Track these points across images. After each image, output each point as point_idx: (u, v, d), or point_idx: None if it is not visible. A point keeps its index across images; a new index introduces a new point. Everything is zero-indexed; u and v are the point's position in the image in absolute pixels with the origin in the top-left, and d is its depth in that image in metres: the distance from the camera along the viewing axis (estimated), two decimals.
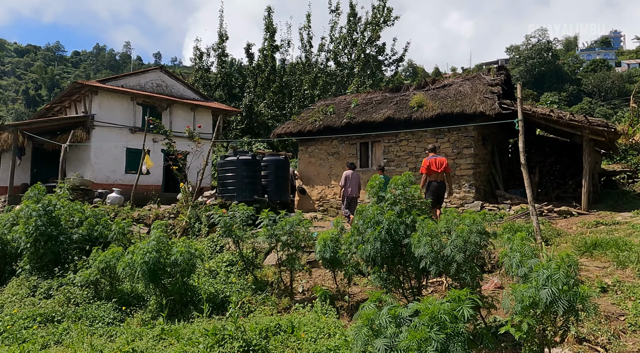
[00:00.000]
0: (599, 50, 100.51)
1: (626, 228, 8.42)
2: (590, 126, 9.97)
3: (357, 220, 5.69)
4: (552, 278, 3.21)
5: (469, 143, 11.90)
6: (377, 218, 5.32)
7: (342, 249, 6.09)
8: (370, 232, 5.25)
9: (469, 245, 4.49)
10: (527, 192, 6.80)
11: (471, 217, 4.83)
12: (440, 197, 8.82)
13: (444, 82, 13.59)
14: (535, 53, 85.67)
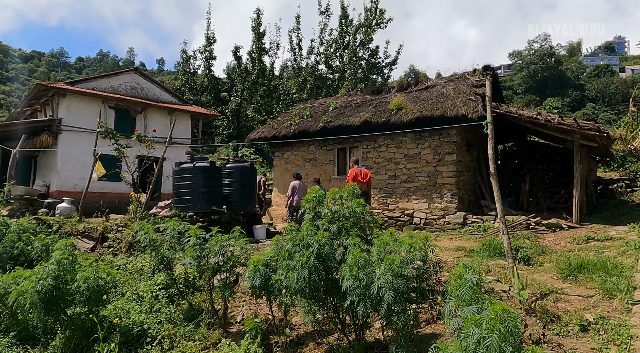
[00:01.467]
0: (602, 55, 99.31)
1: (619, 246, 7.44)
2: (580, 130, 9.02)
3: (288, 241, 4.78)
4: (482, 344, 2.27)
5: (451, 149, 10.97)
6: (307, 241, 4.39)
7: (277, 274, 5.16)
8: (298, 257, 4.33)
9: (401, 280, 3.55)
10: (497, 206, 5.85)
11: (409, 242, 3.89)
12: None
13: (427, 84, 12.69)
14: (538, 58, 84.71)
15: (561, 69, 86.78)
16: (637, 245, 7.01)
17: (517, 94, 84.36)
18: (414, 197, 11.45)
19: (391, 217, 11.69)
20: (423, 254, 3.82)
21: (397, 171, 11.75)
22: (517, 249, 7.28)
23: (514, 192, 12.96)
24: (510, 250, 5.45)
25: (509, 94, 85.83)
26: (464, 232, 10.26)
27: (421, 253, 3.80)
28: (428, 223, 11.11)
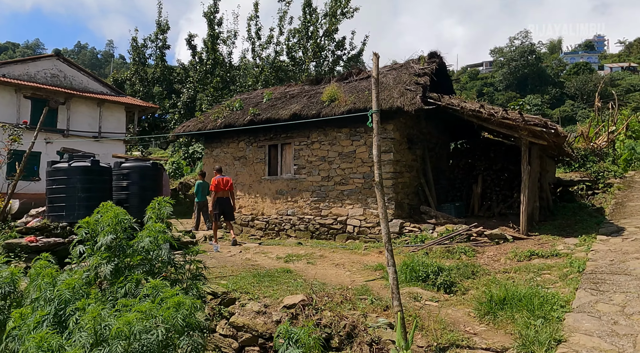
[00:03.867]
0: (582, 53, 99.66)
1: (563, 266, 6.12)
2: (526, 126, 7.69)
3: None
4: None
5: (388, 146, 9.56)
6: (47, 294, 2.87)
7: None
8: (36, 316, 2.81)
9: None
10: (381, 220, 4.43)
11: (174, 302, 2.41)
12: (227, 212, 9.86)
13: (368, 73, 11.25)
14: (519, 55, 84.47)
15: (541, 66, 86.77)
16: (581, 266, 5.68)
17: (498, 91, 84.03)
18: (348, 202, 10.03)
19: (323, 224, 10.25)
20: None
21: (331, 171, 10.32)
22: (438, 272, 5.90)
23: (466, 195, 11.65)
24: (396, 288, 4.02)
25: (490, 91, 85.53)
26: (399, 242, 8.89)
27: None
28: (362, 232, 9.71)
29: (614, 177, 11.67)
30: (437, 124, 11.57)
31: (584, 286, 4.83)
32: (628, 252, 6.07)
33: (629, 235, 7.08)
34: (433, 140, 11.52)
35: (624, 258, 5.76)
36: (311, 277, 6.59)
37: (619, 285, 4.71)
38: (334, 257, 8.18)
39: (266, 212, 11.27)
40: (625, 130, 13.77)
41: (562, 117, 62.71)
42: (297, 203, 10.77)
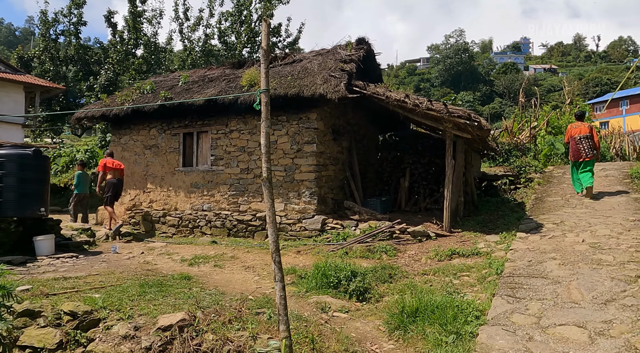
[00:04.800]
0: (510, 54, 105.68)
1: (482, 266, 5.79)
2: (450, 118, 7.32)
3: None
4: None
5: (311, 137, 8.88)
6: None
7: None
8: None
9: None
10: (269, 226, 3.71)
11: None
12: (119, 194, 9.96)
13: (294, 58, 10.49)
14: (454, 53, 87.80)
15: (474, 64, 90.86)
16: (499, 268, 5.34)
17: (434, 87, 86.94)
18: None
19: (241, 221, 9.40)
20: None
21: (251, 163, 9.47)
22: (351, 277, 5.31)
23: (394, 189, 11.31)
24: (283, 309, 3.34)
25: (427, 86, 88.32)
26: (320, 240, 8.28)
27: None
28: (282, 229, 8.99)
29: (535, 171, 11.88)
30: (365, 115, 11.08)
31: (500, 292, 4.44)
32: (545, 251, 5.85)
33: (546, 232, 6.95)
34: (361, 131, 11.02)
35: (541, 258, 5.50)
36: (213, 284, 5.77)
37: (536, 290, 4.36)
38: (247, 259, 7.39)
39: (180, 207, 10.21)
40: (545, 127, 14.20)
41: (491, 113, 66.03)
42: (214, 197, 9.83)
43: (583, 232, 6.63)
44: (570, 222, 7.45)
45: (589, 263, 5.09)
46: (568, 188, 10.50)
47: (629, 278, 4.47)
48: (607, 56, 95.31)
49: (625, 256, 5.25)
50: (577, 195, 9.49)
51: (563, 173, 11.98)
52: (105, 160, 9.74)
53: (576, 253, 5.53)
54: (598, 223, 7.11)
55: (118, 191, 9.82)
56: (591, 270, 4.81)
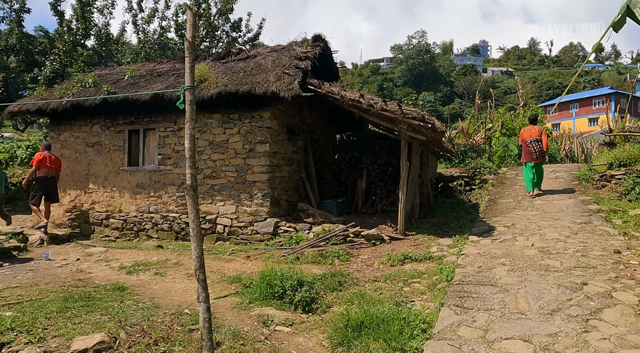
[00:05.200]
0: (469, 56, 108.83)
1: (433, 272, 5.65)
2: (405, 119, 7.18)
3: None
4: None
5: (263, 136, 8.52)
6: None
7: None
8: None
9: None
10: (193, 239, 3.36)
11: None
12: (52, 194, 9.18)
13: (248, 53, 10.07)
14: (416, 53, 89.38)
15: (435, 65, 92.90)
16: (450, 274, 5.22)
17: (397, 86, 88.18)
18: (219, 198, 8.82)
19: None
20: None
21: (201, 163, 8.99)
22: (297, 286, 5.02)
23: (351, 190, 11.14)
24: (207, 333, 3.00)
25: (390, 86, 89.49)
26: (272, 244, 7.95)
27: None
28: (233, 233, 8.59)
29: (489, 173, 12.04)
30: (322, 114, 10.83)
31: (449, 302, 4.28)
32: (496, 255, 5.78)
33: (498, 235, 6.93)
34: (318, 131, 10.76)
35: (491, 264, 5.41)
36: (149, 295, 5.34)
37: (484, 299, 4.23)
38: (192, 265, 6.94)
39: (124, 208, 9.59)
40: (500, 128, 14.48)
41: (451, 114, 67.71)
42: (161, 198, 9.29)
43: (533, 236, 6.64)
44: (521, 224, 7.49)
45: (537, 269, 5.04)
46: (520, 189, 10.68)
47: (574, 285, 4.42)
48: (559, 61, 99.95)
49: (572, 261, 5.25)
50: (528, 195, 9.86)
51: (516, 174, 12.20)
52: (41, 156, 9.04)
53: (525, 259, 5.49)
54: (547, 227, 7.17)
55: (50, 190, 9.11)
56: (539, 277, 4.75)
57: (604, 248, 5.80)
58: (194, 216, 3.03)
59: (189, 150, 3.04)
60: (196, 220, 3.04)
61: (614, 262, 5.17)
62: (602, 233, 6.62)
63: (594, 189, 10.17)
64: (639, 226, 7.00)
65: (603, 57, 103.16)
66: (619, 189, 9.79)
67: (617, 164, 10.54)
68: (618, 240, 6.21)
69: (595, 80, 73.99)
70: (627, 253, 5.49)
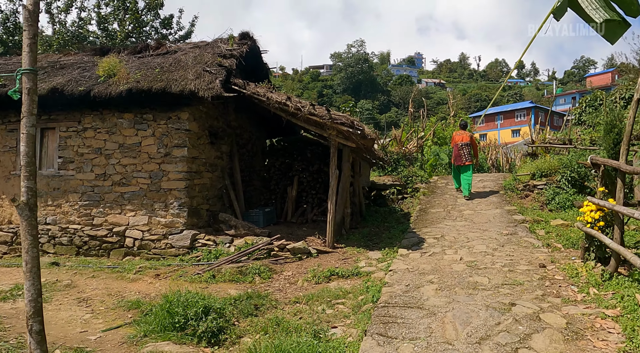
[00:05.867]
0: (405, 67, 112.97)
1: (359, 291, 5.20)
2: (333, 124, 6.74)
3: None
4: None
5: (181, 139, 7.70)
6: None
7: None
8: None
9: None
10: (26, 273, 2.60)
11: None
12: None
13: (169, 48, 9.19)
14: (355, 62, 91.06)
15: (373, 74, 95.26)
16: (375, 295, 4.78)
17: (336, 93, 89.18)
18: (129, 208, 7.85)
19: (95, 237, 7.85)
20: None
21: (109, 168, 7.97)
22: (203, 314, 4.32)
23: (281, 198, 10.55)
24: None
25: (330, 93, 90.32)
26: (188, 260, 7.15)
27: None
28: (144, 247, 7.66)
29: (421, 182, 12.02)
30: (250, 117, 10.16)
31: (372, 329, 3.81)
32: (425, 271, 5.46)
33: (427, 248, 6.67)
34: (245, 135, 10.06)
35: (419, 281, 5.06)
36: (19, 330, 4.38)
37: (410, 326, 3.81)
38: (88, 286, 6.00)
39: (15, 219, 8.28)
40: (432, 137, 14.65)
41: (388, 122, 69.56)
42: (61, 208, 8.12)
43: (461, 249, 6.45)
44: (450, 236, 7.31)
45: (465, 287, 4.75)
46: (450, 198, 10.68)
47: (502, 306, 4.15)
48: (486, 75, 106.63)
49: (500, 277, 5.03)
50: (460, 197, 10.44)
51: (446, 183, 12.29)
52: None
53: (454, 275, 5.20)
54: (475, 238, 7.04)
55: None
56: (467, 297, 4.44)
57: (529, 261, 5.68)
58: (28, 244, 2.27)
59: (26, 155, 2.29)
60: (32, 249, 2.29)
61: (540, 277, 5.02)
62: (527, 245, 6.57)
63: (519, 199, 10.40)
64: (560, 237, 7.07)
65: (524, 73, 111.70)
66: (540, 199, 10.07)
67: (539, 174, 10.89)
68: (542, 252, 6.16)
69: (517, 95, 79.66)
70: (552, 267, 5.39)
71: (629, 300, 3.95)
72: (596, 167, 5.53)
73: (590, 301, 4.25)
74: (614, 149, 6.15)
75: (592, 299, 4.27)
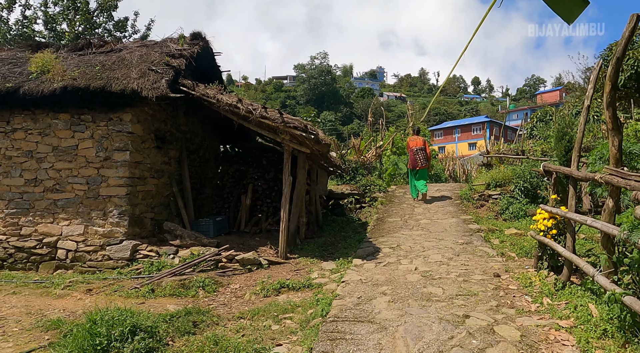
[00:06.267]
0: (367, 80, 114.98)
1: (309, 304, 4.87)
2: (286, 128, 6.44)
3: None
4: None
5: (123, 143, 7.14)
6: None
7: None
8: None
9: None
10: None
11: None
12: None
13: (114, 46, 8.62)
14: (318, 73, 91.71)
15: (336, 86, 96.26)
16: (325, 309, 4.45)
17: (299, 104, 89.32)
18: (63, 216, 7.17)
19: (22, 248, 7.10)
20: None
21: (41, 173, 7.28)
22: (129, 335, 3.84)
23: (234, 207, 10.08)
24: None
25: (293, 103, 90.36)
26: (127, 273, 6.57)
27: None
28: (79, 259, 7.00)
29: (379, 191, 11.90)
30: (202, 121, 9.69)
31: (318, 347, 3.49)
32: (378, 282, 5.21)
33: (382, 258, 6.45)
34: (197, 140, 9.57)
35: (372, 293, 4.79)
36: None
37: (358, 342, 3.51)
38: (4, 304, 5.32)
39: None
40: (391, 147, 14.65)
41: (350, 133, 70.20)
42: None
43: (417, 258, 6.26)
44: (406, 245, 7.13)
45: (419, 298, 4.52)
46: (407, 208, 10.59)
47: (456, 318, 3.93)
48: (445, 90, 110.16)
49: (454, 288, 4.84)
50: (416, 205, 10.57)
51: (404, 193, 12.23)
52: None
53: (408, 286, 4.97)
54: (431, 247, 6.89)
55: None
56: (420, 309, 4.20)
57: (484, 271, 5.55)
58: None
59: None
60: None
61: (494, 287, 4.87)
62: (482, 254, 6.48)
63: (474, 208, 10.45)
64: (514, 246, 7.05)
65: (480, 89, 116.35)
66: (495, 208, 10.15)
67: (493, 184, 11.02)
68: (497, 261, 6.07)
69: (474, 110, 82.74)
70: (506, 277, 5.28)
71: (582, 310, 3.83)
72: (549, 174, 5.51)
73: (544, 311, 4.11)
74: (566, 156, 6.20)
75: (546, 309, 4.14)
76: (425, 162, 10.62)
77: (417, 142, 10.73)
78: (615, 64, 3.31)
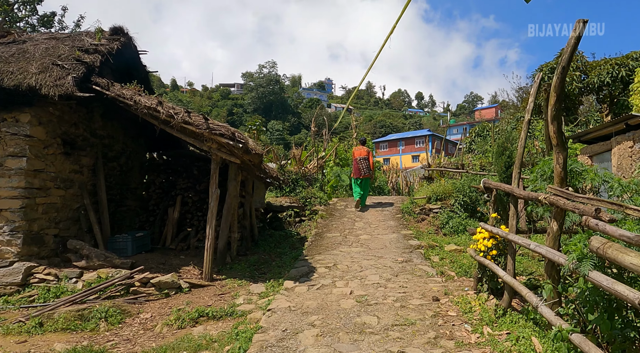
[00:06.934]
0: (316, 91, 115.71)
1: (228, 339, 4.20)
2: (211, 135, 5.77)
3: None
4: None
5: (19, 147, 6.12)
6: None
7: None
8: None
9: None
10: None
11: None
12: None
13: (19, 37, 7.52)
14: (266, 82, 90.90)
15: (284, 96, 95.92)
16: (242, 346, 3.82)
17: (247, 113, 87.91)
18: None
19: None
20: None
21: None
22: None
23: (161, 220, 9.16)
24: None
25: (240, 112, 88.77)
26: (17, 301, 5.54)
27: None
28: None
29: (320, 203, 11.43)
30: (125, 126, 8.74)
31: None
32: (308, 310, 4.65)
33: (317, 279, 5.91)
34: (117, 146, 8.60)
35: (299, 324, 4.22)
36: None
37: None
38: None
39: None
40: (334, 158, 14.30)
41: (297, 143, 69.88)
42: None
43: (353, 280, 5.78)
44: (343, 264, 6.65)
45: (351, 331, 4.00)
46: (348, 222, 10.18)
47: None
48: (390, 103, 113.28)
49: (391, 316, 4.38)
50: (357, 219, 10.39)
51: (345, 206, 11.85)
52: None
53: (340, 315, 4.45)
54: (370, 267, 6.45)
55: None
56: (351, 344, 3.69)
57: (423, 294, 5.17)
58: None
59: None
60: None
61: (433, 314, 4.47)
62: (422, 274, 6.12)
63: (415, 222, 10.23)
64: (453, 263, 6.79)
65: (423, 104, 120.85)
66: (436, 223, 9.99)
67: (434, 198, 10.90)
68: (436, 282, 5.72)
69: (417, 123, 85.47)
70: (446, 301, 4.91)
71: (524, 344, 3.48)
72: (489, 191, 5.26)
73: (484, 343, 3.74)
74: (506, 172, 6.02)
75: (487, 341, 3.76)
76: (368, 171, 11.00)
77: (362, 151, 11.14)
78: (561, 73, 3.03)
